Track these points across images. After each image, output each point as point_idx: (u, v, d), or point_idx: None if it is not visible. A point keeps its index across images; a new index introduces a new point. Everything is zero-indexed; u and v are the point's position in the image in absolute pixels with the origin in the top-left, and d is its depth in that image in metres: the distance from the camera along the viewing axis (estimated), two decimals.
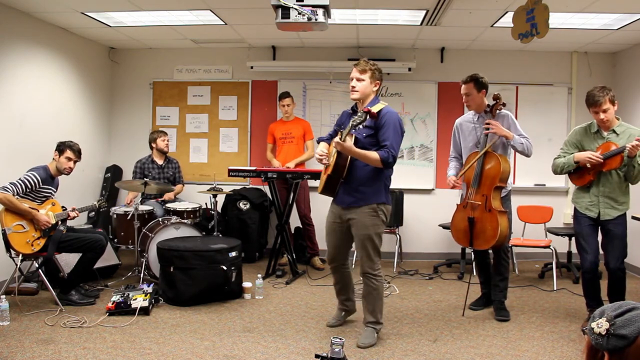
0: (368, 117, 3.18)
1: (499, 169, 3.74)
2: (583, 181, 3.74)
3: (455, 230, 4.01)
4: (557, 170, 3.85)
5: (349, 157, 3.32)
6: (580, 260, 3.80)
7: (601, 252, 3.76)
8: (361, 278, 3.54)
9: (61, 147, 4.15)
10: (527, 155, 3.86)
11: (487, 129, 3.79)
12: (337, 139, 3.26)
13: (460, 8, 4.47)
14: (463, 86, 3.92)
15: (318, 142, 3.75)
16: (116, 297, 3.96)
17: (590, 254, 3.71)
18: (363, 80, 3.43)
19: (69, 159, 4.15)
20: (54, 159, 4.15)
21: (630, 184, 3.69)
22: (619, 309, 1.20)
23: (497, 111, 3.84)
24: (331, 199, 3.62)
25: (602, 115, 3.58)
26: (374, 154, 3.27)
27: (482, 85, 3.87)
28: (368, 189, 3.38)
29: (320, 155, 3.48)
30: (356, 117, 3.15)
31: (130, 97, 6.48)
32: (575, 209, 3.85)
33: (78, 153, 4.22)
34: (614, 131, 3.64)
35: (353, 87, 3.45)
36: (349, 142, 3.27)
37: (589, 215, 3.72)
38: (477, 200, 3.82)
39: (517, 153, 3.91)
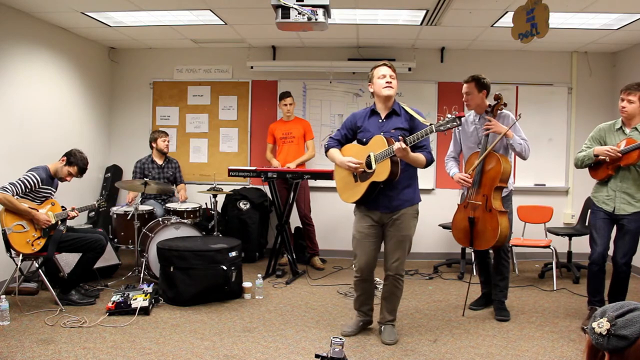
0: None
1: (500, 170, 3.74)
2: (601, 175, 3.78)
3: (455, 230, 4.01)
4: (578, 164, 3.90)
5: (399, 162, 3.25)
6: (590, 252, 3.82)
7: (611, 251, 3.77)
8: (384, 280, 3.55)
9: (72, 160, 4.15)
10: (524, 158, 3.87)
11: (487, 129, 3.80)
12: (398, 145, 3.09)
13: (460, 8, 4.47)
14: (464, 85, 3.96)
15: (328, 149, 3.58)
16: (116, 297, 3.96)
17: (600, 245, 3.73)
18: (395, 78, 3.42)
19: (71, 174, 4.18)
20: (61, 160, 4.15)
21: None
22: (620, 309, 1.19)
23: (498, 111, 3.85)
24: (336, 198, 3.63)
25: (624, 103, 3.68)
26: (422, 157, 3.30)
27: (483, 85, 3.89)
28: (410, 190, 3.42)
29: (356, 164, 3.35)
30: (445, 122, 3.02)
31: (130, 97, 6.48)
32: (592, 203, 3.90)
33: (83, 173, 4.26)
34: (636, 129, 3.69)
35: (389, 82, 3.37)
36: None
37: (605, 209, 3.76)
38: (477, 200, 3.82)
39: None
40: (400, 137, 3.15)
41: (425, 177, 6.20)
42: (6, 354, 3.14)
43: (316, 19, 3.48)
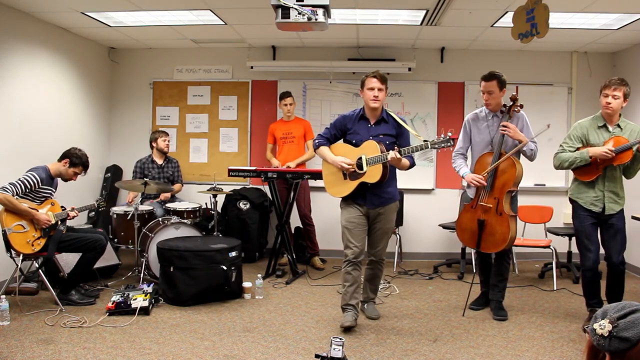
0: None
1: (514, 173, 3.71)
2: (591, 176, 3.68)
3: (461, 231, 3.98)
4: (565, 165, 3.77)
5: (388, 166, 3.60)
6: (582, 259, 3.77)
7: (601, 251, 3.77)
8: (368, 264, 3.95)
9: (75, 161, 4.15)
10: (531, 160, 3.88)
11: (504, 132, 3.76)
12: (393, 154, 3.45)
13: (460, 8, 4.47)
14: (485, 83, 3.81)
15: (318, 147, 3.83)
16: (116, 297, 3.96)
17: (594, 252, 3.70)
18: (383, 90, 3.65)
19: (77, 174, 4.20)
20: (61, 163, 4.14)
21: (625, 179, 3.73)
22: (622, 311, 1.19)
23: (514, 112, 3.82)
24: (337, 198, 3.83)
25: (609, 99, 3.60)
26: (407, 162, 3.67)
27: (503, 83, 3.81)
28: (392, 189, 3.79)
29: (349, 165, 3.63)
30: (440, 141, 3.42)
31: (130, 97, 6.47)
32: (576, 205, 3.79)
33: (87, 168, 4.28)
34: (618, 125, 3.67)
35: (376, 96, 3.63)
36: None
37: (593, 211, 3.69)
38: (489, 202, 3.79)
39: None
40: (395, 148, 3.52)
41: (425, 177, 6.21)
42: (6, 354, 3.14)
43: (316, 19, 3.48)
